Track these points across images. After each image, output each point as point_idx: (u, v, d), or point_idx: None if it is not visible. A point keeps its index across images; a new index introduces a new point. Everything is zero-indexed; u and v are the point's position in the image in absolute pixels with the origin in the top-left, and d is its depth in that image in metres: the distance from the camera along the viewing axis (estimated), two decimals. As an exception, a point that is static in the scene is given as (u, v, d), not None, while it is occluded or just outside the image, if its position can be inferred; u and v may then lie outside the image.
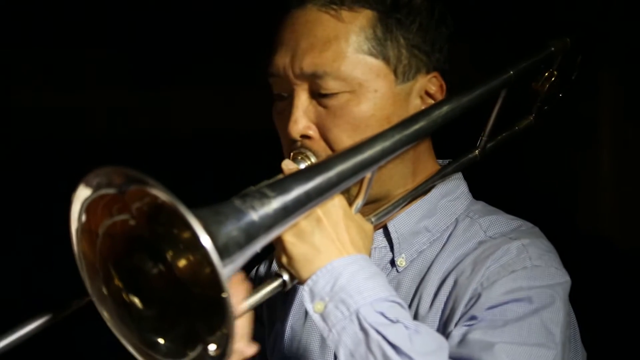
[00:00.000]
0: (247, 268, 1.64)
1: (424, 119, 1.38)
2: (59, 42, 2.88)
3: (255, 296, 1.30)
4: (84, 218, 1.11)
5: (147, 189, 1.06)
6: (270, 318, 1.66)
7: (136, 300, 1.17)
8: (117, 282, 1.16)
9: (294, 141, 1.45)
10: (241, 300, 1.23)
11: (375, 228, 1.49)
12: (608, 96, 2.57)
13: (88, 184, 1.09)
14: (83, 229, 1.12)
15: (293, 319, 1.59)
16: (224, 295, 1.06)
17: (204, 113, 2.97)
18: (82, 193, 1.10)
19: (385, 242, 1.53)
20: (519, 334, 1.31)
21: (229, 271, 1.10)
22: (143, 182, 1.05)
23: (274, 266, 1.69)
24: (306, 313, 1.58)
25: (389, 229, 1.52)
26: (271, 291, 1.31)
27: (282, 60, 1.45)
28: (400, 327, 1.23)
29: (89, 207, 1.11)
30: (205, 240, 1.02)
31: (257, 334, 1.64)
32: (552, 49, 1.59)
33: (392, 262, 1.51)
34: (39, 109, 2.96)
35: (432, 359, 1.22)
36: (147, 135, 3.02)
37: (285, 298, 1.62)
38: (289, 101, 1.46)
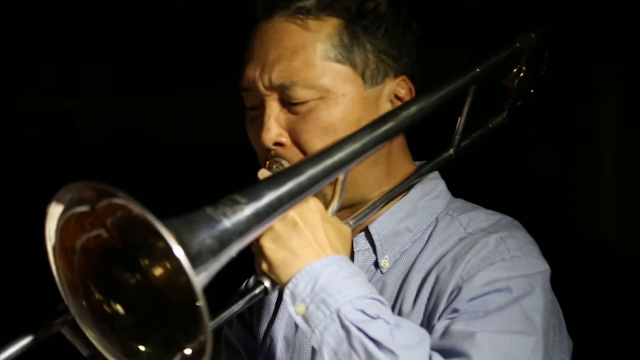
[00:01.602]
0: (237, 283, 1.67)
1: (393, 120, 1.41)
2: (63, 50, 2.91)
3: (237, 304, 1.33)
4: (58, 235, 1.13)
5: (118, 201, 1.08)
6: (260, 329, 1.67)
7: (118, 308, 1.18)
8: (97, 295, 1.18)
9: (268, 150, 1.47)
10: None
11: (356, 231, 1.52)
12: (608, 102, 2.59)
13: (60, 201, 1.11)
14: (59, 247, 1.14)
15: (286, 328, 1.61)
16: (198, 303, 1.08)
17: (205, 122, 2.99)
18: (55, 210, 1.12)
19: (367, 245, 1.55)
20: (500, 322, 1.32)
21: (202, 278, 1.12)
22: (113, 195, 1.07)
23: None
24: (288, 315, 1.60)
25: (371, 231, 1.54)
26: (253, 298, 1.33)
27: (252, 73, 1.48)
28: (381, 322, 1.24)
29: (63, 224, 1.12)
30: (178, 251, 1.04)
31: (246, 339, 1.67)
32: (518, 44, 1.61)
33: (376, 264, 1.53)
34: (43, 114, 2.99)
35: (414, 352, 1.24)
36: (148, 142, 3.04)
37: (276, 307, 1.64)
38: (260, 111, 1.49)
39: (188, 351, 1.12)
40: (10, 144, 2.97)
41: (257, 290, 1.33)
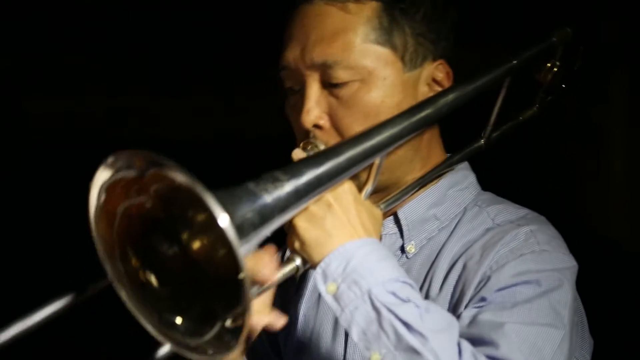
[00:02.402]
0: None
1: (431, 106, 1.42)
2: (69, 48, 2.92)
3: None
4: (102, 199, 1.14)
5: (166, 171, 1.09)
6: (283, 309, 1.69)
7: (153, 279, 1.19)
8: (134, 261, 1.19)
9: (307, 132, 1.49)
10: (272, 270, 1.27)
11: (385, 215, 1.53)
12: (619, 100, 2.59)
13: (108, 166, 1.12)
14: (102, 209, 1.15)
15: (306, 307, 1.63)
16: (241, 275, 1.09)
17: (213, 120, 3.00)
18: (102, 175, 1.13)
19: (395, 229, 1.56)
20: (528, 314, 1.34)
21: (244, 250, 1.13)
22: (163, 165, 1.08)
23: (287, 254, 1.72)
24: (318, 301, 1.61)
25: (399, 216, 1.55)
26: (284, 275, 1.34)
27: (292, 53, 1.49)
28: (411, 305, 1.26)
29: (109, 188, 1.13)
30: (224, 220, 1.05)
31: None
32: (554, 39, 1.62)
33: (402, 249, 1.55)
34: (48, 113, 3.00)
35: (443, 336, 1.25)
36: (157, 140, 3.06)
37: (297, 287, 1.66)
38: (301, 94, 1.50)
39: (227, 322, 1.13)
40: (15, 143, 2.98)
41: (288, 268, 1.34)
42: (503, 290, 1.38)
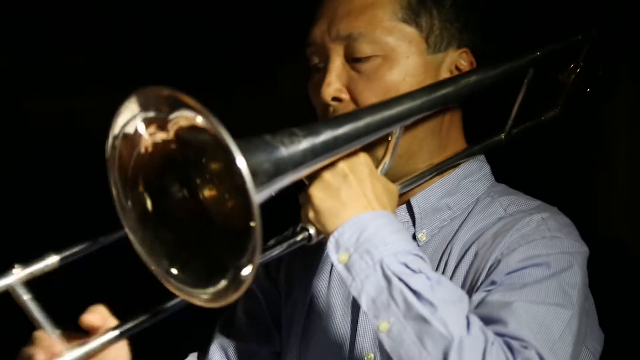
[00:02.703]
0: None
1: (452, 85, 1.44)
2: (66, 47, 2.94)
3: (281, 246, 1.34)
4: (124, 127, 1.15)
5: (190, 113, 1.09)
6: (289, 286, 1.68)
7: (155, 213, 1.19)
8: (141, 188, 1.18)
9: (326, 105, 1.49)
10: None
11: (398, 204, 1.53)
12: (625, 103, 2.58)
13: (137, 98, 1.13)
14: (125, 135, 1.15)
15: (315, 283, 1.62)
16: (252, 224, 1.08)
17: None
18: (130, 106, 1.13)
19: (407, 217, 1.56)
20: (536, 294, 1.33)
21: (258, 199, 1.13)
22: (190, 107, 1.08)
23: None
24: (329, 277, 1.61)
25: (412, 204, 1.55)
26: (296, 243, 1.34)
27: (319, 28, 1.51)
28: (422, 277, 1.25)
29: (131, 120, 1.14)
30: (241, 162, 1.05)
31: (273, 301, 1.68)
32: (579, 37, 1.63)
33: (414, 237, 1.54)
34: (45, 113, 3.02)
35: (453, 307, 1.24)
36: None
37: (305, 265, 1.65)
38: (323, 71, 1.52)
39: (230, 274, 1.12)
40: (14, 143, 3.01)
41: (300, 237, 1.34)
42: (512, 273, 1.37)
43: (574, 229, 1.48)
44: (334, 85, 1.48)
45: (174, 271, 1.19)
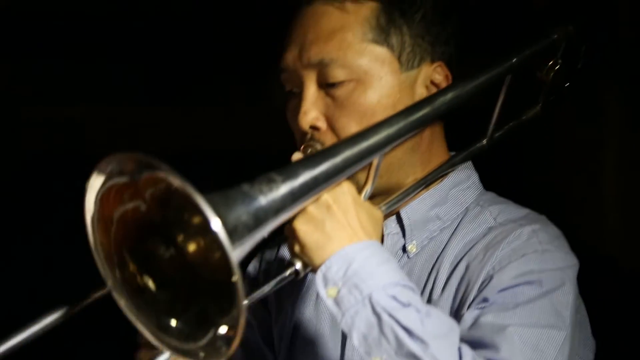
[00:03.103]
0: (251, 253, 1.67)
1: (428, 106, 1.41)
2: (64, 55, 2.92)
3: (269, 284, 1.34)
4: (98, 206, 1.14)
5: (159, 174, 1.09)
6: (279, 305, 1.68)
7: (150, 284, 1.19)
8: (131, 267, 1.18)
9: (304, 133, 1.48)
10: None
11: (388, 216, 1.52)
12: (612, 116, 2.57)
13: (101, 172, 1.12)
14: (97, 217, 1.15)
15: (302, 305, 1.62)
16: (234, 278, 1.08)
17: (203, 132, 2.99)
18: (96, 181, 1.13)
19: (397, 229, 1.55)
20: (529, 315, 1.32)
21: (238, 254, 1.13)
22: (155, 168, 1.08)
23: (282, 252, 1.72)
24: (316, 299, 1.60)
25: (402, 216, 1.54)
26: (284, 279, 1.33)
27: (291, 54, 1.50)
28: (412, 310, 1.24)
29: (103, 195, 1.13)
30: (216, 224, 1.05)
31: (264, 320, 1.68)
32: (555, 36, 1.61)
33: (404, 249, 1.54)
34: (45, 121, 3.00)
35: (444, 341, 1.23)
36: (148, 151, 3.03)
37: (293, 285, 1.65)
38: (299, 96, 1.50)
39: (222, 329, 1.12)
40: (15, 151, 2.99)
41: (288, 272, 1.34)
42: (505, 291, 1.36)
43: (564, 240, 1.47)
44: (310, 113, 1.47)
45: (170, 324, 1.19)
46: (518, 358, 1.27)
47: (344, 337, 1.53)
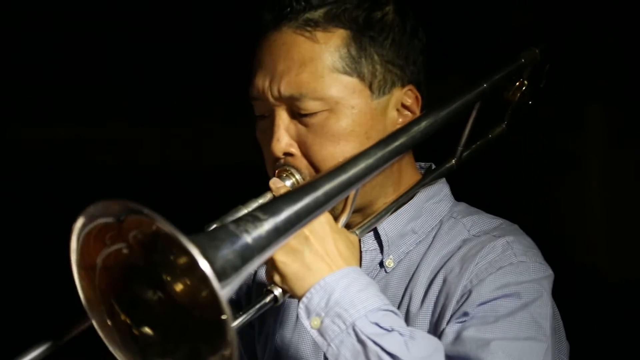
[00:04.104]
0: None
1: (404, 135, 1.44)
2: (59, 77, 2.90)
3: (248, 312, 1.36)
4: (79, 253, 1.14)
5: (145, 219, 1.09)
6: (261, 323, 1.70)
7: (144, 329, 1.20)
8: (122, 316, 1.19)
9: (277, 159, 1.50)
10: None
11: (365, 232, 1.55)
12: (595, 127, 2.62)
13: (83, 215, 1.12)
14: (80, 265, 1.15)
15: (283, 327, 1.64)
16: (223, 317, 1.10)
17: (202, 148, 2.99)
18: (77, 226, 1.13)
19: (375, 245, 1.58)
20: (510, 328, 1.37)
21: (226, 293, 1.14)
22: (140, 213, 1.08)
23: (260, 275, 1.74)
24: (295, 321, 1.63)
25: (379, 232, 1.57)
26: (263, 306, 1.36)
27: (261, 83, 1.50)
28: (395, 335, 1.28)
29: (84, 241, 1.13)
30: (204, 266, 1.06)
31: (249, 338, 1.70)
32: (523, 60, 1.65)
33: (381, 264, 1.57)
34: (39, 141, 2.98)
35: None
36: (145, 168, 3.03)
37: (277, 312, 1.67)
38: (270, 120, 1.51)
39: None
40: (11, 171, 2.97)
41: (267, 299, 1.36)
42: (485, 305, 1.41)
43: (537, 250, 1.52)
44: (283, 140, 1.49)
45: None
46: None
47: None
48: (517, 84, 1.69)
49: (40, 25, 2.87)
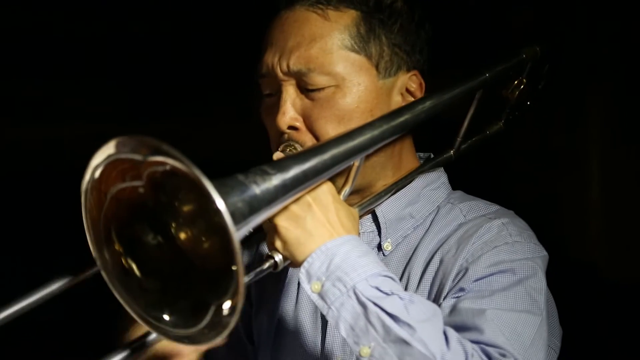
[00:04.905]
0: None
1: (409, 112, 1.48)
2: (53, 74, 2.92)
3: (248, 276, 1.36)
4: (97, 175, 1.15)
5: (167, 159, 1.10)
6: (259, 299, 1.72)
7: (136, 269, 1.21)
8: (117, 247, 1.20)
9: (282, 134, 1.53)
10: None
11: (363, 215, 1.58)
12: (595, 125, 2.65)
13: (110, 148, 1.13)
14: (93, 186, 1.16)
15: (284, 301, 1.65)
16: (234, 267, 1.10)
17: (195, 146, 3.01)
18: (103, 154, 1.13)
19: (373, 227, 1.61)
20: (505, 301, 1.40)
21: (237, 237, 1.15)
22: (165, 153, 1.09)
23: (261, 249, 1.76)
24: (297, 296, 1.65)
25: (377, 214, 1.60)
26: (263, 271, 1.37)
27: (270, 59, 1.53)
28: (395, 298, 1.30)
29: (106, 167, 1.14)
30: (221, 204, 1.07)
31: (246, 313, 1.71)
32: (524, 55, 1.69)
33: (379, 247, 1.60)
34: (30, 141, 2.99)
35: (429, 324, 1.29)
36: None
37: (274, 280, 1.68)
38: (277, 97, 1.55)
39: (226, 304, 1.14)
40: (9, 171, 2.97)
41: (267, 265, 1.37)
42: (480, 280, 1.44)
43: (532, 232, 1.56)
44: (289, 113, 1.52)
45: (165, 317, 1.21)
46: (501, 338, 1.34)
47: (324, 331, 1.58)
48: (516, 82, 1.73)
49: (39, 25, 2.89)
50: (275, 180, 1.25)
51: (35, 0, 2.87)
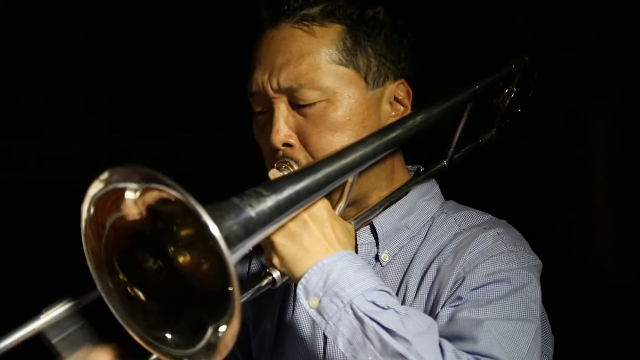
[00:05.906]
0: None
1: (400, 128, 1.50)
2: (61, 88, 2.94)
3: (246, 293, 1.39)
4: (92, 210, 1.18)
5: (161, 187, 1.13)
6: (256, 319, 1.74)
7: (140, 294, 1.24)
8: (121, 276, 1.23)
9: (276, 151, 1.55)
10: None
11: (362, 226, 1.61)
12: (602, 132, 2.66)
13: (102, 179, 1.16)
14: (91, 220, 1.19)
15: (282, 315, 1.68)
16: (230, 288, 1.13)
17: (203, 159, 3.02)
18: (96, 187, 1.17)
19: (371, 239, 1.63)
20: (502, 310, 1.43)
21: (232, 260, 1.18)
22: (159, 181, 1.12)
23: (254, 267, 1.78)
24: (293, 310, 1.67)
25: (375, 226, 1.62)
26: (262, 288, 1.39)
27: (260, 77, 1.55)
28: (391, 312, 1.33)
29: (99, 200, 1.17)
30: (214, 230, 1.10)
31: (242, 335, 1.73)
32: (513, 66, 1.72)
33: (377, 257, 1.62)
34: (41, 155, 3.00)
35: (425, 338, 1.32)
36: None
37: (270, 297, 1.71)
38: (269, 114, 1.56)
39: (223, 328, 1.17)
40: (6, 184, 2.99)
41: (265, 282, 1.40)
42: (477, 290, 1.46)
43: (526, 242, 1.59)
44: (282, 131, 1.53)
45: (167, 336, 1.24)
46: (497, 349, 1.37)
47: (325, 342, 1.60)
48: (507, 90, 1.76)
49: (37, 37, 2.91)
50: (270, 201, 1.28)
51: (35, 13, 2.88)
